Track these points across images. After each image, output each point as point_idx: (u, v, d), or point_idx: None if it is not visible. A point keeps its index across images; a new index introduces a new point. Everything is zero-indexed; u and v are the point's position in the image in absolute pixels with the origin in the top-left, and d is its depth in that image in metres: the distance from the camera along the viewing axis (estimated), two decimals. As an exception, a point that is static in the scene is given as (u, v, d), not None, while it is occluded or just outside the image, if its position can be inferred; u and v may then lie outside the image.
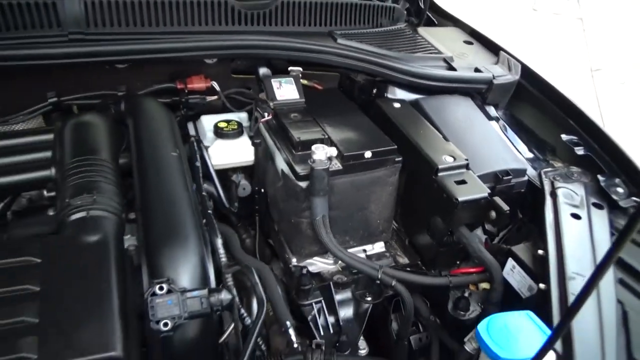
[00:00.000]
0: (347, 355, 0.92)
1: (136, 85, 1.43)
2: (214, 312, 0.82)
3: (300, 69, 1.51)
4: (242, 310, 0.97)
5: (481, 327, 0.87)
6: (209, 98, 1.50)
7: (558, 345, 0.88)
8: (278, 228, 1.35)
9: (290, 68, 1.51)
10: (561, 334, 0.75)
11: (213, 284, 0.91)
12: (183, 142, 1.29)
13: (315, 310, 1.19)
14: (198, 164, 1.21)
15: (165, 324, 0.80)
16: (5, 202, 1.05)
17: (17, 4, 1.24)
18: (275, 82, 1.42)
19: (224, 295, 0.83)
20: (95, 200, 0.91)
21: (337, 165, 1.19)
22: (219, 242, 1.00)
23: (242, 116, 1.53)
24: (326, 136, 1.25)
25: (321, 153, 1.16)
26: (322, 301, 1.20)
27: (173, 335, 0.82)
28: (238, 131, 1.41)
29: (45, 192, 1.01)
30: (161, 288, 0.82)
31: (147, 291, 0.81)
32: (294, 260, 1.28)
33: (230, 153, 1.39)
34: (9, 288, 0.76)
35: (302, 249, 1.27)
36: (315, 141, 1.21)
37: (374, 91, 1.53)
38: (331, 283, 1.23)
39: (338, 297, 1.23)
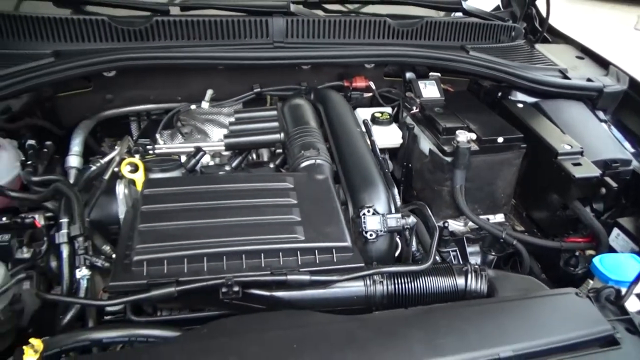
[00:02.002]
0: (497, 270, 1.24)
1: (314, 82, 1.88)
2: (404, 229, 1.22)
3: (439, 74, 1.89)
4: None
5: (596, 260, 1.19)
6: (366, 94, 1.92)
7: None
8: (420, 195, 1.72)
9: (430, 73, 1.90)
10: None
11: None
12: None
13: (452, 256, 1.55)
14: (373, 138, 1.62)
15: (371, 235, 1.21)
16: (243, 155, 1.53)
17: (243, 20, 1.73)
18: (421, 84, 1.81)
19: (411, 220, 1.22)
20: (319, 153, 1.35)
21: (475, 147, 1.55)
22: (395, 190, 1.39)
23: (388, 110, 1.93)
24: (466, 125, 1.62)
25: (463, 136, 1.53)
26: (457, 250, 1.56)
27: (374, 243, 1.22)
28: (390, 120, 1.81)
29: (275, 150, 1.47)
30: (369, 211, 1.22)
31: (360, 212, 1.22)
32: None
33: (383, 136, 1.78)
34: (280, 199, 1.20)
35: (440, 212, 1.64)
36: (457, 128, 1.58)
37: (499, 94, 1.88)
38: (464, 237, 1.58)
39: (469, 249, 1.58)
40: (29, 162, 1.34)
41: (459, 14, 2.09)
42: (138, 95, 1.81)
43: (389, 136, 1.80)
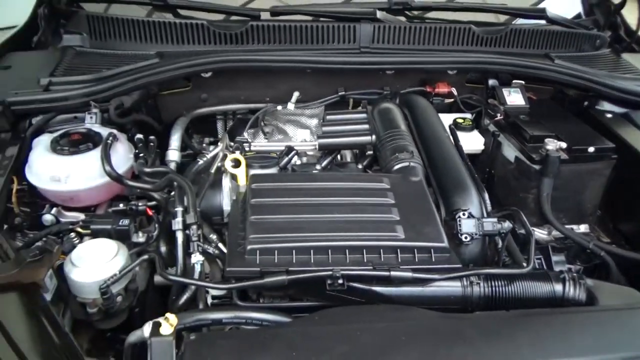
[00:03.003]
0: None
1: (396, 87, 1.93)
2: (500, 234, 1.24)
3: (523, 82, 1.89)
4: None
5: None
6: (447, 100, 1.94)
7: None
8: (503, 202, 1.72)
9: (514, 81, 1.90)
10: None
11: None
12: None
13: (536, 264, 1.55)
14: (460, 144, 1.64)
15: (466, 237, 1.24)
16: (332, 156, 1.59)
17: (332, 26, 1.80)
18: (505, 91, 1.82)
19: (507, 224, 1.24)
20: (413, 155, 1.39)
21: (564, 155, 1.55)
22: (486, 195, 1.41)
23: (468, 116, 1.94)
24: (553, 133, 1.61)
25: (553, 145, 1.53)
26: (542, 258, 1.55)
27: (468, 245, 1.25)
28: (472, 126, 1.83)
29: (358, 152, 1.53)
30: (464, 214, 1.25)
31: (455, 215, 1.25)
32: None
33: (465, 142, 1.80)
34: (379, 199, 1.25)
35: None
36: (545, 136, 1.58)
37: (585, 103, 1.85)
38: (549, 246, 1.58)
39: (554, 258, 1.57)
40: (141, 155, 1.45)
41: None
42: (230, 95, 1.91)
43: (470, 142, 1.81)
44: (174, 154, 1.66)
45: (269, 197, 1.23)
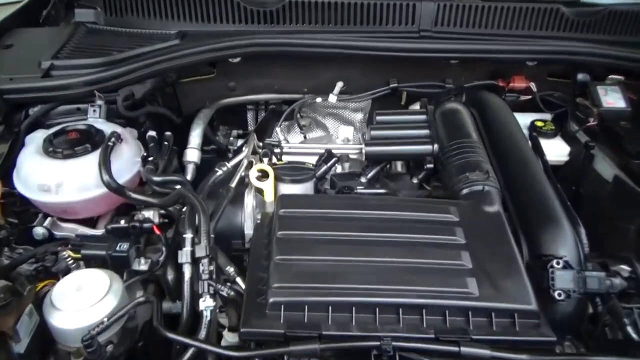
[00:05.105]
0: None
1: (460, 80, 1.59)
2: (608, 294, 0.92)
3: (622, 77, 1.52)
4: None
5: None
6: (523, 97, 1.59)
7: None
8: (590, 229, 1.39)
9: (610, 76, 1.53)
10: None
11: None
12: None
13: (636, 314, 1.22)
14: (546, 158, 1.31)
15: (560, 294, 0.93)
16: (381, 166, 1.30)
17: (380, 4, 1.48)
18: (601, 89, 1.46)
19: (618, 281, 0.92)
20: (489, 176, 1.08)
21: (684, 179, 1.20)
22: (582, 230, 1.08)
23: (547, 117, 1.59)
24: (669, 148, 1.26)
25: (671, 165, 1.18)
26: None
27: (562, 305, 0.94)
28: (555, 131, 1.49)
29: (425, 165, 1.22)
30: (558, 263, 0.94)
31: (547, 264, 0.94)
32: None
33: (546, 150, 1.46)
34: (444, 236, 0.96)
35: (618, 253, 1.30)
36: (657, 153, 1.23)
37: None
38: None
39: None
40: (151, 159, 1.20)
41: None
42: (262, 84, 1.64)
43: (552, 151, 1.47)
44: (192, 154, 1.41)
45: (301, 229, 0.96)
